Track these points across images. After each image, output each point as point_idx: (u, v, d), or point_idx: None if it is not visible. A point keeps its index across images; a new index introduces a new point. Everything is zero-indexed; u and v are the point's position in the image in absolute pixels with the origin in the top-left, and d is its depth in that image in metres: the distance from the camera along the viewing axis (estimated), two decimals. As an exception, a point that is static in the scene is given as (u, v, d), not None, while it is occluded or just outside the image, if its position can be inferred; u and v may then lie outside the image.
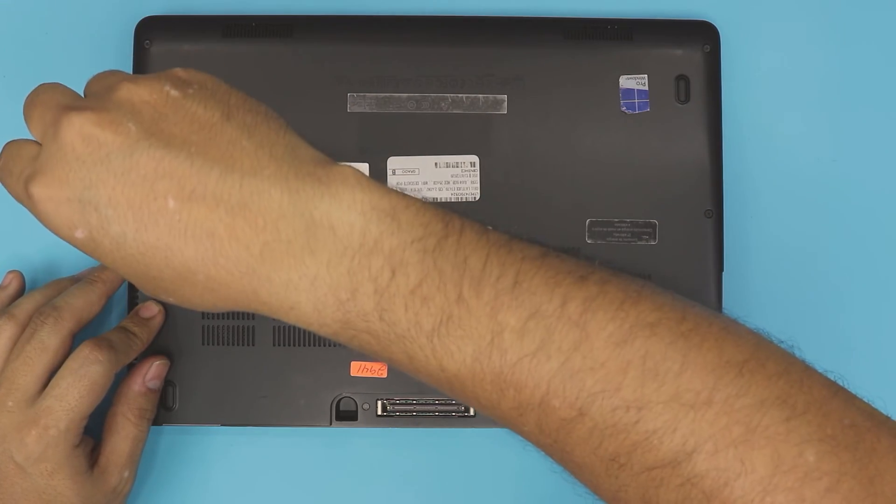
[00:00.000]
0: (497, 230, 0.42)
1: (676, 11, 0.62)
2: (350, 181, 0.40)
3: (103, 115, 0.41)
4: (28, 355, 0.53)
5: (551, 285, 0.39)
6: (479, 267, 0.40)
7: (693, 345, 0.38)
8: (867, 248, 0.62)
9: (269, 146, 0.41)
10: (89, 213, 0.40)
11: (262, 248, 0.40)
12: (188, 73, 0.43)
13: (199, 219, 0.40)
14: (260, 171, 0.40)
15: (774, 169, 0.62)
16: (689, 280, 0.59)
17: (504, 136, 0.59)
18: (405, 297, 0.39)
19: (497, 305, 0.39)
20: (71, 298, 0.55)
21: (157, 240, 0.40)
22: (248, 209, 0.40)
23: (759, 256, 0.62)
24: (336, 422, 0.59)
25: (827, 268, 0.62)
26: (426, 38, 0.60)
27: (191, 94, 0.42)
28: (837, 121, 0.63)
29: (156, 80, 0.42)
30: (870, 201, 0.62)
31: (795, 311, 0.62)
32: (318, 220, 0.40)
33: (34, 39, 0.62)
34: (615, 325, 0.38)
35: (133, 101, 0.41)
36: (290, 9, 0.61)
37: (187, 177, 0.40)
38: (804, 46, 0.63)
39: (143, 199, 0.40)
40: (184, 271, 0.40)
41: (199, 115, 0.41)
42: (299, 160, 0.41)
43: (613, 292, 0.39)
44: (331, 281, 0.40)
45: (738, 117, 0.62)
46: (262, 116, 0.42)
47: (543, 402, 0.39)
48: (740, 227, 0.62)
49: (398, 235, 0.40)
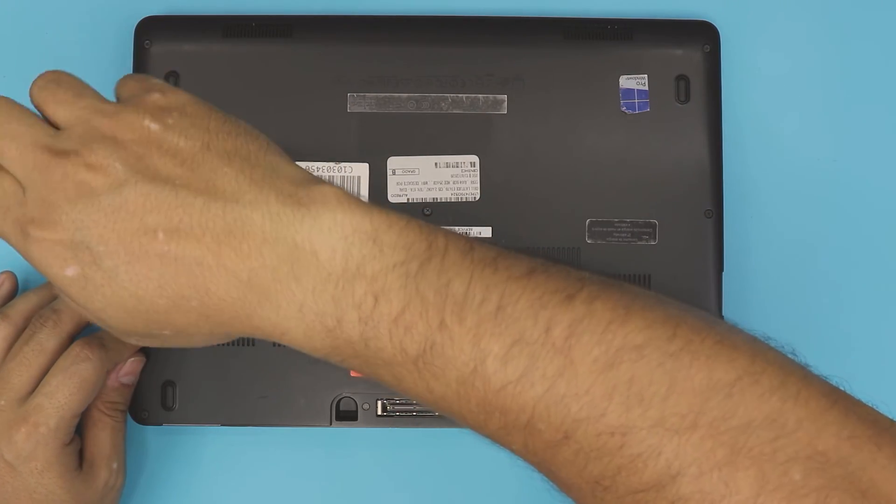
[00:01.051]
0: (484, 244, 0.41)
1: (676, 11, 0.62)
2: (331, 203, 0.40)
3: (90, 159, 0.41)
4: (25, 356, 0.54)
5: (536, 308, 0.39)
6: (461, 291, 0.39)
7: (682, 366, 0.38)
8: (867, 247, 0.62)
9: (248, 170, 0.41)
10: (81, 251, 0.41)
11: (250, 275, 0.40)
12: (166, 99, 0.43)
13: (188, 249, 0.40)
14: (241, 196, 0.41)
15: (774, 169, 0.62)
16: (689, 280, 0.59)
17: (504, 136, 0.59)
18: (389, 325, 0.39)
19: (480, 332, 0.39)
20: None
21: (149, 270, 0.40)
22: (232, 236, 0.40)
23: (759, 256, 0.62)
24: (336, 422, 0.59)
25: (827, 268, 0.62)
26: (426, 38, 0.60)
27: (170, 124, 0.42)
28: (837, 121, 0.62)
29: (134, 113, 0.42)
30: (870, 201, 0.62)
31: (795, 311, 0.62)
32: (300, 246, 0.40)
33: (34, 39, 0.62)
34: (601, 349, 0.38)
35: (116, 139, 0.41)
36: (290, 9, 0.61)
37: (174, 209, 0.40)
38: (804, 46, 0.63)
39: (133, 233, 0.40)
40: (177, 299, 0.41)
41: (181, 147, 0.41)
42: (280, 182, 0.41)
43: (601, 312, 0.38)
44: (317, 308, 0.40)
45: (738, 117, 0.62)
46: (241, 139, 0.43)
47: (529, 425, 0.39)
48: (740, 227, 0.62)
49: (380, 259, 0.39)
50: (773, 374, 0.38)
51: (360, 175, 0.59)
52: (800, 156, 0.62)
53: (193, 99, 0.43)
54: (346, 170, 0.59)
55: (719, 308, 0.59)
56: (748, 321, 0.61)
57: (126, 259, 0.40)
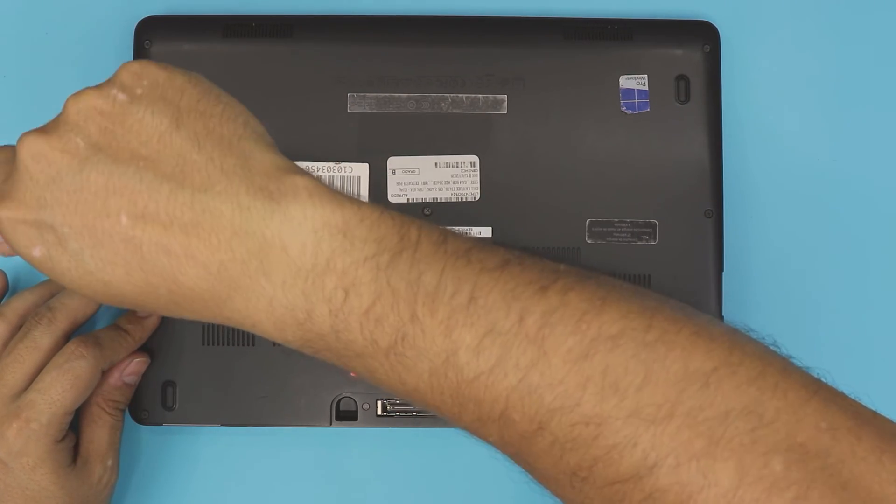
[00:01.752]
0: (458, 236, 0.40)
1: (676, 11, 0.62)
2: (301, 196, 0.39)
3: (51, 133, 0.40)
4: (19, 353, 0.54)
5: (508, 300, 0.38)
6: (433, 283, 0.38)
7: (658, 356, 0.37)
8: (867, 247, 0.62)
9: (219, 158, 0.40)
10: (46, 231, 0.40)
11: (219, 268, 0.39)
12: (142, 67, 0.41)
13: (153, 237, 0.39)
14: (210, 187, 0.39)
15: (774, 169, 0.62)
16: (689, 280, 0.59)
17: (504, 136, 0.59)
18: (359, 317, 0.39)
19: (451, 324, 0.38)
20: (66, 299, 0.56)
21: (114, 255, 0.40)
22: (201, 228, 0.39)
23: (759, 256, 0.62)
24: (336, 422, 0.59)
25: (827, 267, 0.62)
26: (426, 38, 0.60)
27: (139, 95, 0.41)
28: (837, 121, 0.62)
29: (105, 85, 0.41)
30: (869, 201, 0.62)
31: (795, 311, 0.62)
32: (269, 240, 0.39)
33: (34, 39, 0.62)
34: (575, 339, 0.37)
35: (81, 111, 0.40)
36: (290, 9, 0.61)
37: (138, 193, 0.39)
38: (804, 46, 0.63)
39: (96, 216, 0.40)
40: (145, 286, 0.40)
41: (147, 123, 0.40)
42: (251, 173, 0.40)
43: (575, 303, 0.38)
44: (287, 302, 0.39)
45: (738, 117, 0.62)
46: (215, 120, 0.41)
47: (503, 415, 0.38)
48: (740, 227, 0.62)
49: (350, 253, 0.39)
50: (751, 365, 0.37)
51: (360, 175, 0.59)
52: (800, 156, 0.62)
53: (171, 70, 0.42)
54: (346, 170, 0.59)
55: (719, 308, 0.59)
56: (748, 321, 0.61)
57: (90, 243, 0.40)
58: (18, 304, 0.56)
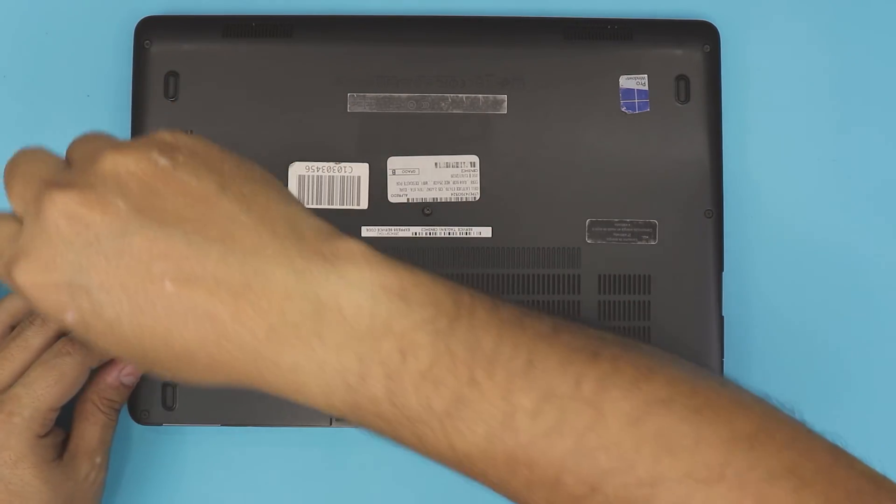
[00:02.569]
0: (507, 302, 0.41)
1: (676, 11, 0.62)
2: (357, 259, 0.39)
3: (88, 193, 0.38)
4: (10, 351, 0.54)
5: (564, 364, 0.39)
6: (491, 347, 0.39)
7: (705, 419, 0.38)
8: (867, 247, 0.62)
9: (270, 221, 0.39)
10: (80, 296, 0.39)
11: (268, 332, 0.38)
12: (175, 138, 0.40)
13: (199, 302, 0.38)
14: (262, 249, 0.38)
15: (774, 169, 0.62)
16: (689, 280, 0.59)
17: (504, 136, 0.59)
18: (416, 380, 0.38)
19: (510, 387, 0.38)
20: None
21: (154, 322, 0.38)
22: (251, 291, 0.38)
23: (759, 256, 0.62)
24: (336, 422, 0.59)
25: (827, 267, 0.62)
26: (426, 38, 0.60)
27: (181, 161, 0.39)
28: (837, 121, 0.62)
29: (143, 147, 0.39)
30: (870, 201, 0.62)
31: (795, 311, 0.62)
32: (325, 302, 0.38)
33: (34, 39, 0.62)
34: (629, 403, 0.38)
35: (119, 173, 0.39)
36: (290, 9, 0.61)
37: (185, 258, 0.38)
38: (804, 46, 0.63)
39: (138, 282, 0.38)
40: (183, 354, 0.39)
41: (193, 187, 0.39)
42: (303, 236, 0.39)
43: (626, 369, 0.39)
44: (339, 366, 0.38)
45: (738, 117, 0.62)
46: (259, 184, 0.40)
47: (555, 479, 0.38)
48: (740, 227, 0.61)
49: (408, 316, 0.38)
50: (785, 430, 0.39)
51: (360, 175, 0.59)
52: (800, 156, 0.62)
53: (205, 140, 0.41)
54: (346, 170, 0.59)
55: (719, 308, 0.59)
56: (748, 321, 0.61)
57: (129, 309, 0.38)
58: (10, 305, 0.56)
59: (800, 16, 0.63)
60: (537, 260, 0.59)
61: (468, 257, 0.59)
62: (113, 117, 0.61)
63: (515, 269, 0.59)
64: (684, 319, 0.59)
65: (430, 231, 0.59)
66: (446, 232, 0.59)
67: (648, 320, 0.59)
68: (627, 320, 0.59)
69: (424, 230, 0.59)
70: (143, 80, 0.59)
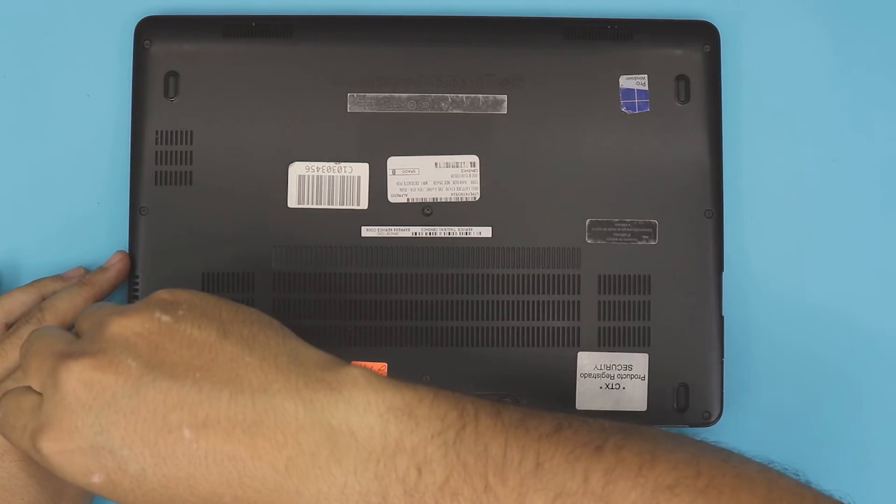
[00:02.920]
0: (508, 406, 0.42)
1: (676, 11, 0.62)
2: (360, 383, 0.41)
3: (100, 358, 0.41)
4: (3, 348, 0.54)
5: (571, 461, 0.40)
6: (500, 454, 0.40)
7: (711, 499, 0.40)
8: (867, 247, 0.62)
9: (272, 358, 0.41)
10: (104, 457, 0.40)
11: (287, 464, 0.40)
12: (173, 294, 0.43)
13: (217, 444, 0.40)
14: (269, 385, 0.41)
15: (774, 169, 0.62)
16: (689, 280, 0.59)
17: (504, 136, 0.59)
18: (434, 493, 0.40)
19: (523, 490, 0.40)
20: (56, 300, 0.56)
21: (178, 471, 0.40)
22: (265, 427, 0.40)
23: (759, 256, 0.62)
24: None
25: (826, 267, 0.62)
26: (426, 38, 0.60)
27: (182, 315, 0.42)
28: (837, 121, 0.62)
29: (144, 308, 0.42)
30: (870, 201, 0.62)
31: (795, 311, 0.62)
32: (337, 428, 0.40)
33: (34, 39, 0.62)
34: (637, 492, 0.40)
35: (126, 335, 0.41)
36: (290, 9, 0.61)
37: (198, 404, 0.40)
38: (804, 46, 0.63)
39: (157, 433, 0.40)
40: (209, 496, 0.40)
41: (196, 337, 0.41)
42: (306, 367, 0.42)
43: (630, 458, 0.40)
44: (360, 488, 0.40)
45: (738, 117, 0.62)
46: (257, 326, 0.43)
47: None
48: (740, 227, 0.61)
49: (418, 433, 0.40)
50: (790, 500, 0.41)
51: (360, 175, 0.59)
52: (800, 156, 0.62)
53: (200, 293, 0.43)
54: (346, 170, 0.59)
55: (719, 308, 0.59)
56: (748, 321, 0.61)
57: (153, 462, 0.40)
58: (6, 303, 0.57)
59: (800, 16, 0.63)
60: (537, 260, 0.59)
61: (468, 257, 0.59)
62: (113, 117, 0.61)
63: (515, 269, 0.59)
64: (684, 319, 0.59)
65: (430, 231, 0.59)
66: (446, 232, 0.59)
67: (648, 320, 0.59)
68: (627, 320, 0.59)
69: (424, 230, 0.59)
70: (143, 80, 0.59)
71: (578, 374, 0.59)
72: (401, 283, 0.59)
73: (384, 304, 0.59)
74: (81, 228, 0.61)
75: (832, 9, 0.63)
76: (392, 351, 0.58)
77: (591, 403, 0.59)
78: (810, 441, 0.61)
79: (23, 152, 0.61)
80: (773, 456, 0.44)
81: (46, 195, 0.61)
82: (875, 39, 0.63)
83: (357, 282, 0.59)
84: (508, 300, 0.59)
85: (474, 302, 0.59)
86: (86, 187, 0.61)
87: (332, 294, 0.59)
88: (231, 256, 0.59)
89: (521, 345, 0.59)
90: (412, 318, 0.59)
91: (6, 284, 0.60)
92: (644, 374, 0.59)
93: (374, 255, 0.59)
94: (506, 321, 0.59)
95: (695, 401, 0.58)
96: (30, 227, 0.61)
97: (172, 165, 0.59)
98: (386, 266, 0.59)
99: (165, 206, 0.59)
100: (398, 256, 0.59)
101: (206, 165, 0.59)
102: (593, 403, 0.59)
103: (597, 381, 0.59)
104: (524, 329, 0.59)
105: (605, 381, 0.59)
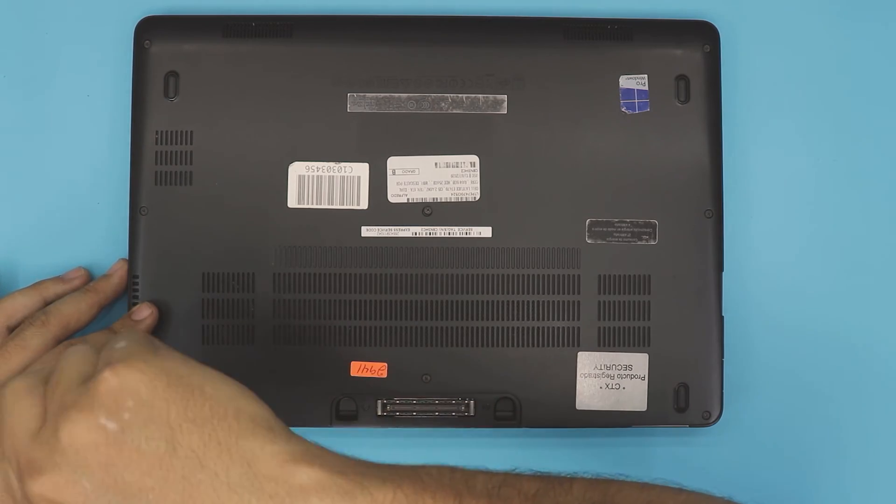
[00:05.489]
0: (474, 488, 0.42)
1: (676, 11, 0.62)
2: (311, 496, 0.41)
3: (56, 478, 0.40)
4: (7, 350, 0.54)
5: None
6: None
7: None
8: (867, 247, 0.62)
9: (223, 472, 0.41)
10: None
11: None
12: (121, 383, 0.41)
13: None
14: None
15: (774, 169, 0.62)
16: (689, 280, 0.59)
17: (504, 136, 0.59)
18: None
19: None
20: (61, 305, 0.56)
21: None
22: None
23: (759, 256, 0.62)
24: (336, 422, 0.59)
25: (826, 267, 0.62)
26: (426, 38, 0.60)
27: (128, 420, 0.41)
28: (837, 121, 0.62)
29: (89, 411, 0.41)
30: (870, 202, 0.62)
31: (795, 311, 0.62)
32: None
33: (34, 39, 0.62)
34: None
35: (77, 448, 0.40)
36: (290, 9, 0.61)
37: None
38: (804, 46, 0.63)
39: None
40: None
41: (144, 450, 0.40)
42: (259, 480, 0.41)
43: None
44: None
45: (738, 117, 0.62)
46: (208, 426, 0.41)
47: None
48: (740, 227, 0.61)
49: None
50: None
51: (360, 175, 0.59)
52: (800, 156, 0.62)
53: (149, 375, 0.42)
54: (346, 170, 0.59)
55: (719, 308, 0.59)
56: (748, 321, 0.61)
57: None
58: (9, 306, 0.57)
59: (799, 16, 0.63)
60: (537, 260, 0.59)
61: (468, 257, 0.59)
62: (113, 117, 0.61)
63: (515, 269, 0.59)
64: (684, 319, 0.59)
65: (430, 231, 0.59)
66: (446, 232, 0.59)
67: (648, 320, 0.59)
68: (627, 320, 0.59)
69: (424, 230, 0.59)
70: (143, 80, 0.59)
71: (578, 374, 0.59)
72: (401, 283, 0.59)
73: (384, 304, 0.59)
74: (81, 228, 0.61)
75: (832, 9, 0.63)
76: (392, 351, 0.59)
77: (591, 403, 0.59)
78: (810, 441, 0.61)
79: (23, 152, 0.61)
80: (773, 456, 0.44)
81: (46, 195, 0.61)
82: (875, 39, 0.63)
83: (357, 282, 0.59)
84: (508, 300, 0.59)
85: (474, 302, 0.59)
86: (86, 187, 0.61)
87: (332, 294, 0.59)
88: (231, 256, 0.59)
89: (521, 345, 0.59)
90: (412, 318, 0.59)
91: (5, 284, 0.60)
92: (644, 374, 0.59)
93: (374, 255, 0.59)
94: (506, 321, 0.59)
95: (695, 401, 0.59)
96: (30, 227, 0.61)
97: (172, 165, 0.59)
98: (386, 266, 0.59)
99: (165, 206, 0.59)
100: (398, 256, 0.59)
101: (206, 165, 0.59)
102: (593, 403, 0.59)
103: (597, 381, 0.59)
104: (524, 329, 0.59)
105: (605, 381, 0.59)
